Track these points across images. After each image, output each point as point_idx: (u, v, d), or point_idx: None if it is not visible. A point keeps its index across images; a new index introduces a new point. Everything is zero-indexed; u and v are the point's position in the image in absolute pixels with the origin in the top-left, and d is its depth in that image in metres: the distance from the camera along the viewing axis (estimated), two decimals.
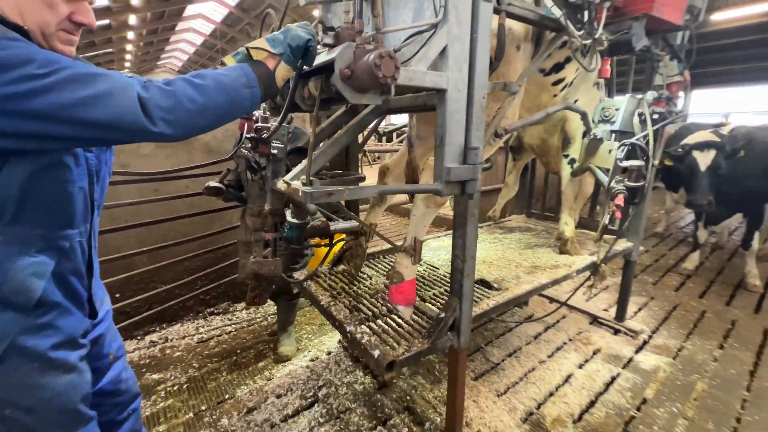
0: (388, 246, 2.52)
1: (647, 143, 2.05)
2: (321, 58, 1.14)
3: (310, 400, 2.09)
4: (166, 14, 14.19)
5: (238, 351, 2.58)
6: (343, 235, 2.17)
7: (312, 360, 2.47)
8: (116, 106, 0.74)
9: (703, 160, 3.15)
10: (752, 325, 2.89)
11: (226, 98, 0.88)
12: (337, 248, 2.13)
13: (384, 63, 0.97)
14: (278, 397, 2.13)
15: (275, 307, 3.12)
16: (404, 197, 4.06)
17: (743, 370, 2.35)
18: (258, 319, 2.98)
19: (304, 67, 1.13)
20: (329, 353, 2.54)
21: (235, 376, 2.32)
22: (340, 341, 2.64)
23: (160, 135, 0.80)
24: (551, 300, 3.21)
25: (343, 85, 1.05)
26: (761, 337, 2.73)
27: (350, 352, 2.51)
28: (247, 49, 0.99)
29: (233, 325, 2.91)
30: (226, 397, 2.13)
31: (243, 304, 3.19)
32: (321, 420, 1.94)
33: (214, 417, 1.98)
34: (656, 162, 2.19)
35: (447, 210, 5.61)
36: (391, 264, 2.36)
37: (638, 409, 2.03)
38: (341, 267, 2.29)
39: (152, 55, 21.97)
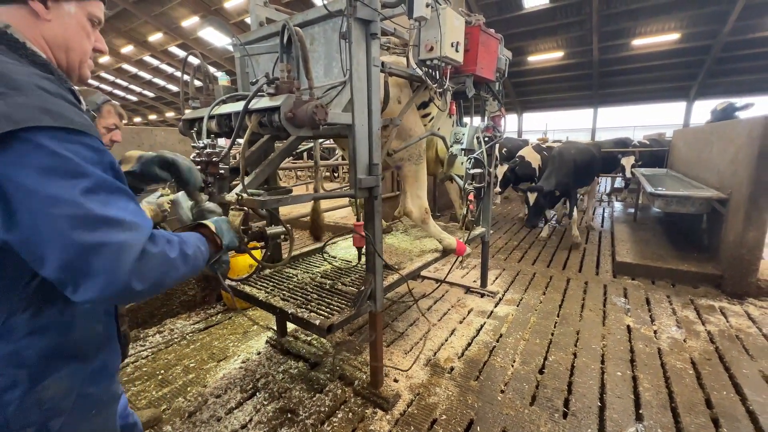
0: (307, 249, 2.94)
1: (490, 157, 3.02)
2: (264, 102, 1.57)
3: (250, 391, 2.34)
4: None
5: (162, 371, 2.59)
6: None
7: (244, 361, 2.67)
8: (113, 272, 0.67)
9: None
10: (561, 277, 4.25)
11: (193, 269, 0.89)
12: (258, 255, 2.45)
13: (318, 111, 1.46)
14: (218, 396, 2.31)
15: (194, 325, 3.17)
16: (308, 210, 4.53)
17: (555, 305, 3.53)
18: (176, 339, 2.97)
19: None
20: (259, 353, 2.78)
21: (166, 392, 2.37)
22: (267, 341, 2.90)
23: (134, 293, 0.72)
24: (437, 281, 4.06)
25: (287, 123, 1.50)
26: (565, 284, 4.06)
27: (279, 348, 2.81)
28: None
29: (148, 350, 2.85)
30: (163, 408, 2.20)
31: (155, 329, 3.11)
32: (265, 402, 2.23)
33: (155, 428, 2.06)
34: (491, 169, 3.18)
35: (347, 220, 6.19)
36: (314, 264, 2.80)
37: (497, 341, 2.91)
38: (267, 271, 2.62)
39: None
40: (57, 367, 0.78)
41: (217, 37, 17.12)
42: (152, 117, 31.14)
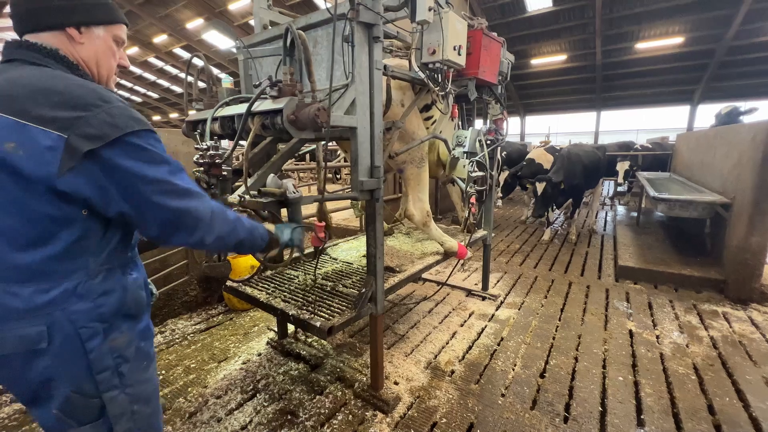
0: (308, 251, 2.94)
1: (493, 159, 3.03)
2: (267, 105, 1.58)
3: (251, 392, 2.34)
4: None
5: (163, 371, 2.60)
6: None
7: (244, 363, 2.67)
8: (201, 221, 0.98)
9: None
10: (563, 281, 4.24)
11: (252, 238, 1.19)
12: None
13: (321, 113, 1.47)
14: (218, 397, 2.31)
15: (195, 326, 3.17)
16: None
17: (557, 309, 3.51)
18: (177, 339, 2.98)
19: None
20: (260, 354, 2.78)
21: (167, 392, 2.37)
22: (268, 342, 2.90)
23: (205, 243, 1.01)
24: (438, 283, 4.05)
25: (289, 125, 1.51)
26: (567, 288, 4.04)
27: (280, 349, 2.81)
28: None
29: None
30: (164, 407, 2.21)
31: (156, 329, 3.12)
32: (265, 404, 2.23)
33: None
34: (494, 172, 3.18)
35: (349, 222, 6.19)
36: (313, 264, 2.80)
37: (499, 345, 2.90)
38: (268, 272, 2.62)
39: None
40: (120, 323, 0.98)
41: (221, 40, 17.23)
42: (156, 118, 31.32)
